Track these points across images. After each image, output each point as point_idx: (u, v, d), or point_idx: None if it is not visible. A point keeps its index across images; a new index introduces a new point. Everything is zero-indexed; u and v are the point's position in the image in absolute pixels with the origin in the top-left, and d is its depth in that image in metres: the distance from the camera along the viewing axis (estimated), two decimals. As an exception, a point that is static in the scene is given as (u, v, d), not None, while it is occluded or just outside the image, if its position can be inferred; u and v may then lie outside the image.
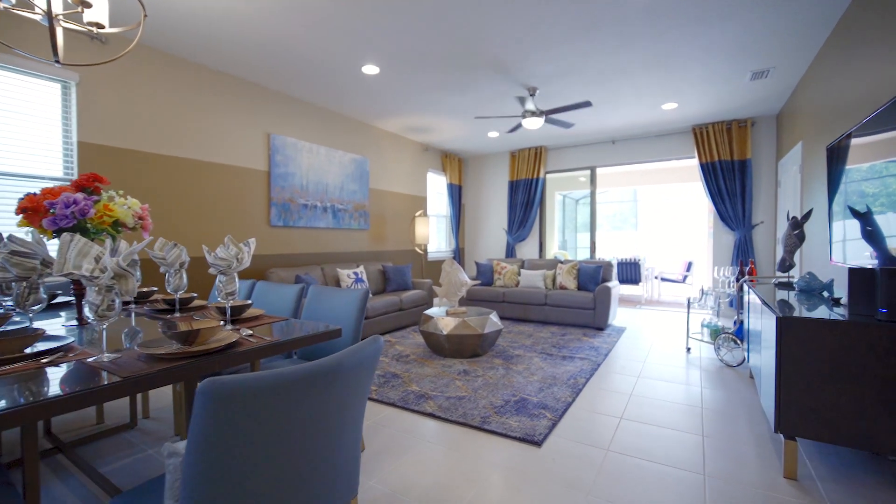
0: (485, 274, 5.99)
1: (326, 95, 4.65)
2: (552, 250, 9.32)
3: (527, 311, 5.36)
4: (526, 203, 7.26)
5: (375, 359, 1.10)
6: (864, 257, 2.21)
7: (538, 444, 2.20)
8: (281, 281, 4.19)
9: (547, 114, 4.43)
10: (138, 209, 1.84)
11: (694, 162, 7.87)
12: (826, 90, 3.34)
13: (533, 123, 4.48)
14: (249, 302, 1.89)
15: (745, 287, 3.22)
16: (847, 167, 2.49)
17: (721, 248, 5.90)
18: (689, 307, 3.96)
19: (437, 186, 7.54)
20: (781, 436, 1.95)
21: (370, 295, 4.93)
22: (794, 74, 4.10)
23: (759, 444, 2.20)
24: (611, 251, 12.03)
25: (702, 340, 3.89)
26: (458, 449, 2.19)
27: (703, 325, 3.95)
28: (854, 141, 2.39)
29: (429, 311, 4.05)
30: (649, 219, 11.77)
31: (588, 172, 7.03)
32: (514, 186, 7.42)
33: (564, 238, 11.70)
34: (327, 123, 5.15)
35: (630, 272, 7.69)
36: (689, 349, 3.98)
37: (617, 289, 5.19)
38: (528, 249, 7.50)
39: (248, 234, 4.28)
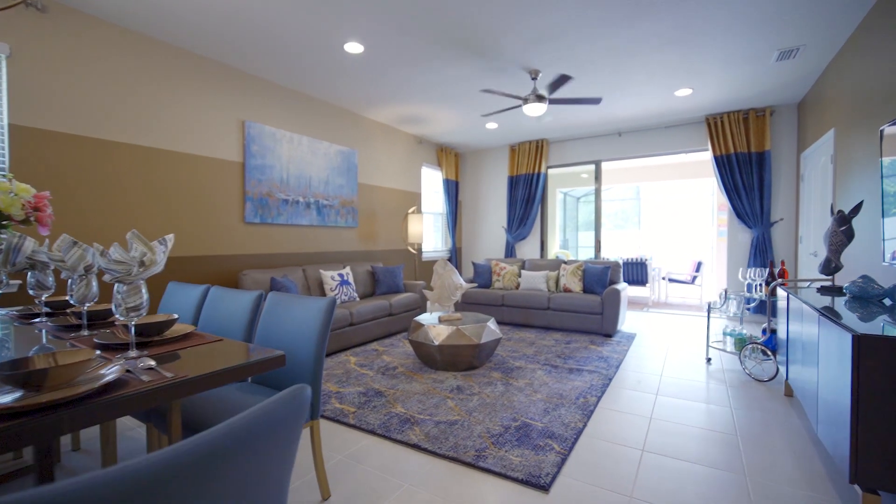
0: (482, 275, 5.58)
1: (308, 79, 4.23)
2: (553, 250, 8.91)
3: (528, 315, 4.95)
4: (527, 199, 6.84)
5: (297, 421, 0.69)
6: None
7: (545, 488, 1.79)
8: (255, 284, 3.77)
9: (551, 92, 4.01)
10: (30, 197, 1.42)
11: (702, 156, 7.43)
12: (871, 69, 2.93)
13: (535, 110, 4.06)
14: (175, 317, 1.48)
15: (781, 291, 2.81)
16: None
17: (737, 247, 5.49)
18: (709, 313, 3.55)
19: (432, 182, 7.13)
20: (858, 488, 1.54)
21: (356, 299, 4.52)
22: (825, 55, 3.69)
23: (815, 488, 1.78)
24: (613, 251, 11.64)
25: (723, 350, 3.48)
26: (446, 496, 1.77)
27: (725, 334, 3.54)
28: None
29: (419, 318, 3.63)
30: (653, 217, 11.37)
31: (592, 167, 6.62)
32: (513, 182, 7.00)
33: (566, 237, 11.31)
34: (311, 112, 4.73)
35: (636, 273, 7.28)
36: (709, 359, 3.57)
37: (626, 292, 4.78)
38: (528, 249, 7.08)
39: (219, 232, 3.86)
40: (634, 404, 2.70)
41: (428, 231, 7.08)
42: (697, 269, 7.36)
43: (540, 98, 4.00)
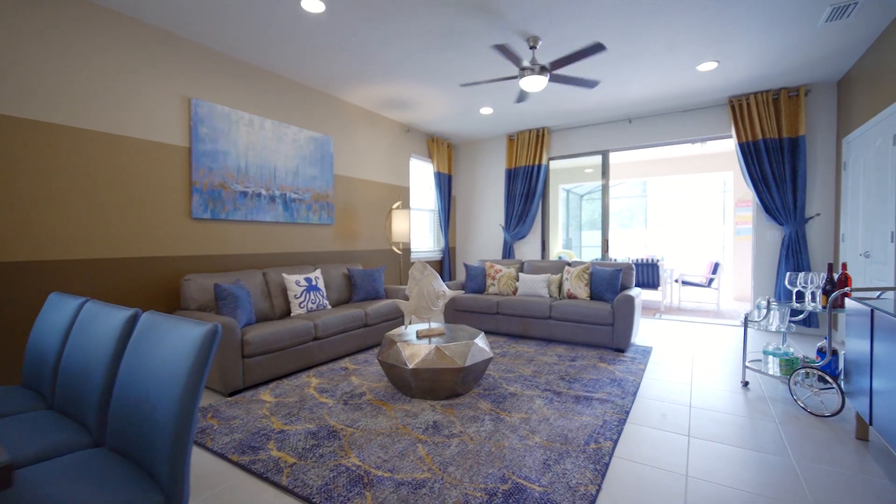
0: (475, 279, 4.94)
1: (264, 50, 3.61)
2: (556, 250, 8.27)
3: (526, 325, 4.31)
4: (526, 194, 6.20)
5: None
6: None
7: None
8: (201, 293, 3.15)
9: (553, 69, 3.37)
10: None
11: (716, 148, 6.83)
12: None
13: (534, 84, 3.42)
14: None
15: (850, 303, 2.16)
16: None
17: (764, 247, 4.83)
18: (745, 327, 2.91)
19: (422, 176, 6.49)
20: None
21: (327, 307, 3.89)
22: (887, 13, 3.04)
23: None
24: (619, 251, 10.98)
25: (764, 373, 2.83)
26: None
27: (766, 353, 2.89)
28: None
29: (393, 333, 3.00)
30: (661, 215, 10.70)
31: (598, 158, 5.98)
32: (512, 175, 6.36)
33: (569, 236, 10.66)
34: (274, 91, 4.11)
35: (647, 275, 6.63)
36: (745, 384, 2.93)
37: (640, 298, 4.14)
38: (528, 249, 6.44)
39: (159, 230, 3.24)
40: (662, 453, 2.06)
41: (420, 229, 6.45)
42: (714, 271, 6.70)
43: (542, 70, 3.37)
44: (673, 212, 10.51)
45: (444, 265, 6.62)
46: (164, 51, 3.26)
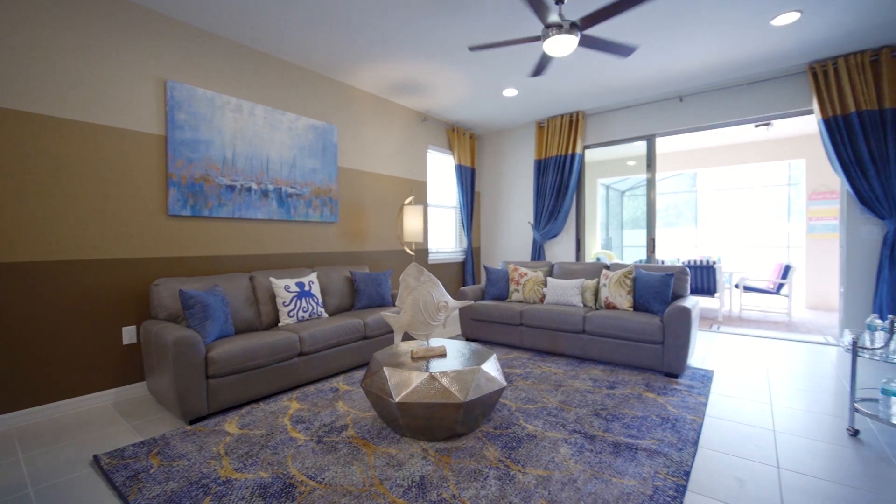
0: (496, 284, 4.32)
1: (249, 24, 3.17)
2: (593, 251, 7.47)
3: (555, 340, 3.64)
4: (558, 187, 5.50)
5: None
6: None
7: None
8: (172, 300, 2.75)
9: (585, 27, 2.71)
10: None
11: (781, 132, 5.84)
12: None
13: (560, 46, 2.77)
14: None
15: None
16: None
17: (859, 246, 3.89)
18: (854, 355, 2.13)
19: (442, 169, 5.94)
20: None
21: (323, 315, 3.41)
22: None
23: None
24: (667, 251, 9.93)
25: (881, 419, 2.05)
26: None
27: (886, 392, 2.10)
28: None
29: (382, 353, 2.46)
30: (714, 211, 9.56)
31: (643, 146, 5.18)
32: (542, 166, 5.68)
33: (609, 236, 9.76)
34: (267, 73, 3.69)
35: (701, 279, 5.74)
36: (855, 432, 2.15)
37: (697, 309, 3.37)
38: (560, 250, 5.73)
39: (131, 228, 2.87)
40: (748, 553, 1.38)
41: (440, 228, 5.90)
42: (784, 275, 5.70)
43: (572, 28, 2.71)
44: (728, 207, 9.36)
45: (466, 267, 6.03)
46: (135, 28, 2.88)
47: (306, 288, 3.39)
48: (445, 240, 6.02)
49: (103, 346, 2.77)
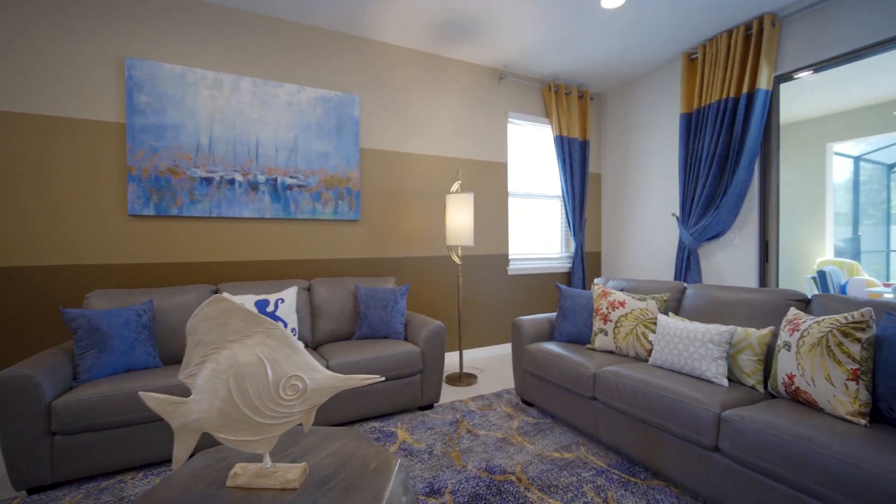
0: (573, 316, 2.62)
1: (204, -32, 2.48)
2: (816, 258, 4.58)
3: (656, 447, 1.82)
4: (723, 154, 3.27)
5: None
6: None
7: None
8: (99, 315, 2.25)
9: None
10: None
11: None
12: None
13: None
14: None
15: None
16: None
17: None
18: None
19: (532, 144, 4.34)
20: None
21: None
22: None
23: None
24: None
25: None
26: None
27: None
28: None
29: (171, 477, 1.33)
30: None
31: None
32: (692, 123, 3.51)
33: (857, 234, 6.11)
34: (259, 39, 2.98)
35: None
36: None
37: None
38: (727, 258, 3.43)
39: (84, 231, 2.54)
40: None
41: (535, 225, 4.33)
42: None
43: None
44: None
45: (573, 280, 4.29)
46: (89, 1, 2.52)
47: (269, 308, 2.53)
48: (542, 242, 4.40)
49: None
